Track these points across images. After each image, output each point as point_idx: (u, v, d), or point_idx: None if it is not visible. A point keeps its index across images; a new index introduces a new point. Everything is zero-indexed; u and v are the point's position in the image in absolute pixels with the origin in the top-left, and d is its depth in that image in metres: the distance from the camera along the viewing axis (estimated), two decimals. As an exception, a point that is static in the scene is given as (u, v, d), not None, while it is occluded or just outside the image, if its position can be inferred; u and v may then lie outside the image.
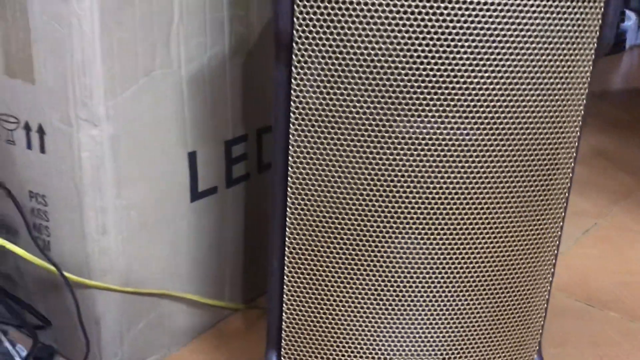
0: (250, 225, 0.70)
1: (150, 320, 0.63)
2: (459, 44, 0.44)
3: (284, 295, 0.52)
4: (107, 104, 0.53)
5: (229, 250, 0.69)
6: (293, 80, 0.46)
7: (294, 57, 0.45)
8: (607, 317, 0.76)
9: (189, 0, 0.56)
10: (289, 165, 0.48)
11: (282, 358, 0.54)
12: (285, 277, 0.51)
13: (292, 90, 0.46)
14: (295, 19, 0.44)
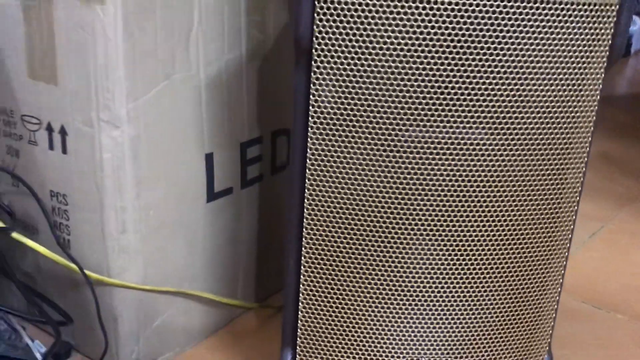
0: (263, 226, 0.72)
1: (166, 318, 0.64)
2: (481, 52, 0.45)
3: (300, 295, 0.53)
4: (128, 107, 0.54)
5: (243, 250, 0.70)
6: (312, 85, 0.47)
7: (314, 62, 0.46)
8: (614, 319, 0.77)
9: (208, 7, 0.58)
10: (307, 168, 0.49)
11: (297, 356, 0.55)
12: (302, 276, 0.52)
13: (311, 95, 0.47)
14: (315, 26, 0.45)
